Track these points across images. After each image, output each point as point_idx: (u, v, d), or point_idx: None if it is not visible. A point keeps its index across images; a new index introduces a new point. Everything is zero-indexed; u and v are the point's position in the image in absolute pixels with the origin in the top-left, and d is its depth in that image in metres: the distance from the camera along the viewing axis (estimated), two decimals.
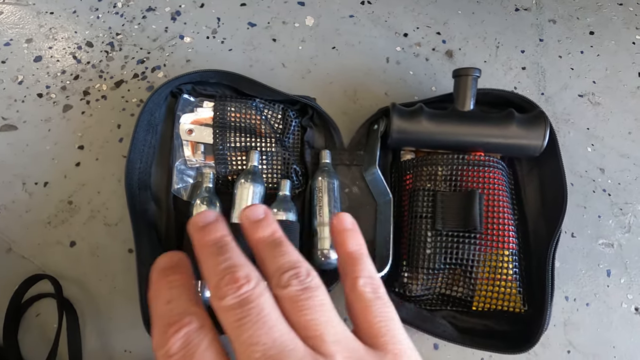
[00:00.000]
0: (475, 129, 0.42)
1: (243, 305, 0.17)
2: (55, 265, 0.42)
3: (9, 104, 0.48)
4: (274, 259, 0.20)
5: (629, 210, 0.48)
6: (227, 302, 0.17)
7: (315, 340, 0.17)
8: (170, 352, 0.17)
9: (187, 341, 0.17)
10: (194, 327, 0.17)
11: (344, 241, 0.22)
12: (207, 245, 0.20)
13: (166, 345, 0.17)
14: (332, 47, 0.54)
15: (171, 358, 0.17)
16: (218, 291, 0.17)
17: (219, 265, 0.18)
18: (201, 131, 0.43)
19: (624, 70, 0.56)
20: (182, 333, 0.17)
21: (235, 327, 0.17)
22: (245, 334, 0.16)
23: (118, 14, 0.54)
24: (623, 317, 0.44)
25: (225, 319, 0.17)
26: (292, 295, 0.18)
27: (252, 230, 0.21)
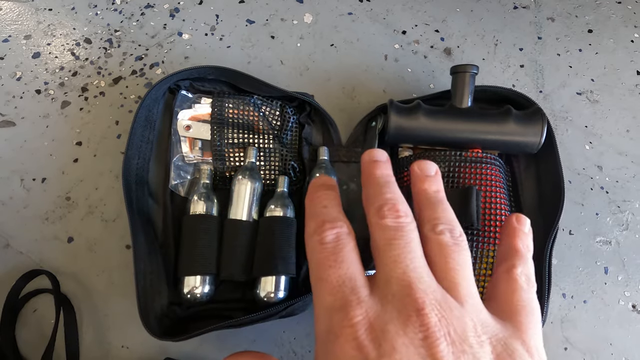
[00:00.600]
0: (473, 125, 0.42)
1: (398, 230, 0.20)
2: (52, 260, 0.42)
3: (7, 100, 0.48)
4: (436, 211, 0.22)
5: (626, 208, 0.48)
6: (386, 222, 0.20)
7: (450, 284, 0.19)
8: (324, 240, 0.20)
9: (339, 237, 0.20)
10: (345, 230, 0.21)
11: (514, 237, 0.25)
12: (377, 175, 0.23)
13: (323, 234, 0.20)
14: (330, 45, 0.54)
15: (324, 245, 0.20)
16: (380, 211, 0.21)
17: (385, 194, 0.22)
18: (199, 127, 0.43)
19: (623, 68, 0.56)
20: (335, 230, 0.21)
21: (386, 242, 0.20)
22: (394, 252, 0.19)
23: (116, 10, 0.54)
24: (620, 314, 0.44)
25: (379, 234, 0.20)
26: (443, 242, 0.21)
27: (421, 180, 0.24)
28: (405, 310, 0.17)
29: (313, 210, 0.23)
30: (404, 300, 0.18)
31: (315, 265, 0.20)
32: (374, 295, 0.19)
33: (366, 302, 0.18)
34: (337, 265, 0.19)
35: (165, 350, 0.40)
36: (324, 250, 0.20)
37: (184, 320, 0.38)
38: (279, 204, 0.41)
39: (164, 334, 0.35)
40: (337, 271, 0.19)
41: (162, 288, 0.38)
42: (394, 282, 0.19)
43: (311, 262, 0.21)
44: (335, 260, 0.19)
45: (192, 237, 0.39)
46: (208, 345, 0.41)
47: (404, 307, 0.18)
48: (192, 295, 0.37)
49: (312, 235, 0.21)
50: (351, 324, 0.17)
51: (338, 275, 0.19)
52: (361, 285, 0.19)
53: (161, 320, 0.37)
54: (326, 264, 0.19)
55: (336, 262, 0.19)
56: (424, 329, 0.17)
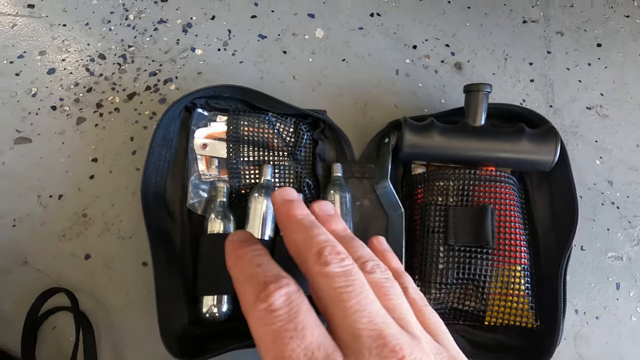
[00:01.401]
0: (487, 144, 0.43)
1: (347, 275, 0.18)
2: (70, 278, 0.43)
3: (23, 117, 0.49)
4: (354, 249, 0.21)
5: (637, 223, 0.49)
6: (333, 269, 0.18)
7: (402, 322, 0.18)
8: (273, 306, 0.17)
9: (290, 300, 0.17)
10: (293, 288, 0.18)
11: (388, 259, 0.25)
12: (299, 216, 0.21)
13: (268, 299, 0.17)
14: (341, 59, 0.55)
15: (275, 313, 0.17)
16: (320, 258, 0.18)
17: (319, 237, 0.19)
18: (215, 145, 0.44)
19: (632, 82, 0.56)
20: (283, 291, 0.17)
21: (340, 292, 0.17)
22: (352, 301, 0.17)
23: (130, 26, 0.54)
24: (633, 330, 0.44)
25: (328, 284, 0.18)
26: (377, 280, 0.19)
27: (327, 221, 0.23)
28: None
29: (244, 272, 0.19)
30: (382, 353, 0.16)
31: (270, 341, 0.16)
32: (348, 356, 0.16)
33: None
34: (299, 335, 0.16)
35: None
36: (276, 319, 0.16)
37: (203, 340, 0.39)
38: None
39: (184, 353, 0.36)
40: (302, 342, 0.16)
41: (182, 308, 0.39)
42: (364, 336, 0.17)
43: (262, 339, 0.17)
44: (295, 328, 0.16)
45: (210, 257, 0.39)
46: None
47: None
48: (211, 314, 0.38)
49: (255, 304, 0.17)
50: None
51: (304, 346, 0.16)
52: (332, 350, 0.16)
53: (181, 340, 0.37)
54: (285, 336, 0.16)
55: (297, 331, 0.16)
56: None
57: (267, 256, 0.20)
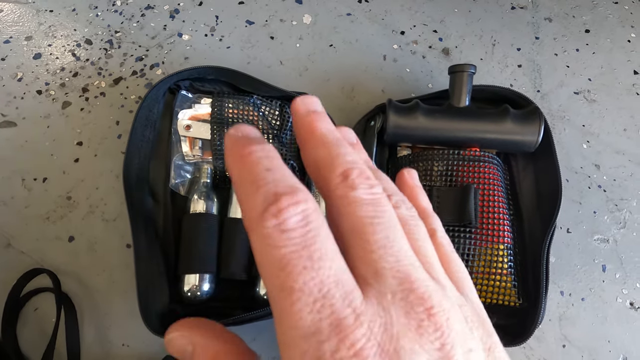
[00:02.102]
0: (471, 124, 0.43)
1: (376, 205, 0.15)
2: (53, 260, 0.43)
3: (8, 101, 0.49)
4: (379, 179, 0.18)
5: (624, 206, 0.49)
6: (360, 194, 0.15)
7: (427, 266, 0.16)
8: (285, 225, 0.13)
9: (307, 220, 0.13)
10: (311, 205, 0.14)
11: (417, 196, 0.21)
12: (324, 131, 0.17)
13: (279, 216, 0.13)
14: (329, 45, 0.55)
15: (287, 234, 0.13)
16: (347, 180, 0.15)
17: (346, 156, 0.16)
18: (199, 127, 0.44)
19: (619, 67, 0.56)
20: (300, 208, 0.13)
21: (366, 222, 0.15)
22: (379, 234, 0.14)
23: (117, 12, 0.54)
24: (618, 311, 0.44)
25: (353, 211, 0.15)
26: (402, 216, 0.16)
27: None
28: (414, 312, 0.14)
29: (250, 175, 0.15)
30: (409, 299, 0.14)
31: (277, 268, 0.13)
32: (369, 297, 0.14)
33: (365, 314, 0.13)
34: (314, 265, 0.13)
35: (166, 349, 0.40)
36: (288, 242, 0.13)
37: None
38: None
39: (165, 332, 0.36)
40: (317, 275, 0.13)
41: (163, 286, 0.39)
42: (389, 276, 0.14)
43: (266, 263, 0.13)
44: (310, 257, 0.13)
45: (192, 236, 0.39)
46: None
47: (411, 308, 0.14)
48: (193, 293, 0.38)
49: (262, 218, 0.13)
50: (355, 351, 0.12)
51: (320, 280, 0.13)
52: (352, 288, 0.13)
53: (162, 319, 0.37)
54: (296, 264, 0.13)
55: (312, 260, 0.13)
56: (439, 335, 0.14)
57: (279, 160, 0.15)
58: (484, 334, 0.15)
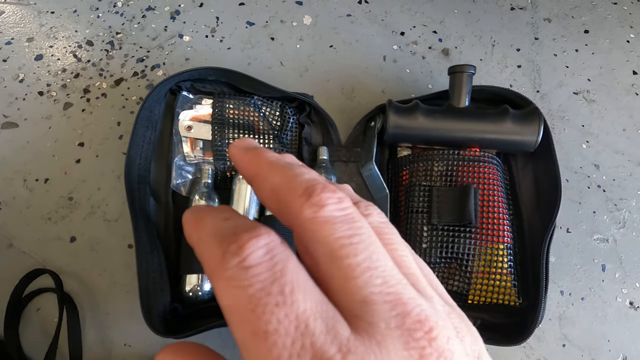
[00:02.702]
0: (470, 125, 0.43)
1: (350, 222, 0.13)
2: (55, 260, 0.43)
3: (10, 102, 0.49)
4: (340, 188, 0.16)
5: (623, 206, 0.49)
6: (330, 212, 0.13)
7: (412, 279, 0.14)
8: (249, 261, 0.12)
9: (272, 253, 0.12)
10: (275, 238, 0.13)
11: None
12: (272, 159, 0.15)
13: (241, 252, 0.12)
14: (329, 46, 0.55)
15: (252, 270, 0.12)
16: (311, 198, 0.13)
17: (304, 175, 0.14)
18: (200, 128, 0.44)
19: (619, 68, 0.56)
20: (262, 241, 0.12)
21: (343, 244, 0.13)
22: (360, 255, 0.13)
23: (118, 13, 0.54)
24: (618, 311, 0.44)
25: (326, 234, 0.13)
26: (376, 226, 0.15)
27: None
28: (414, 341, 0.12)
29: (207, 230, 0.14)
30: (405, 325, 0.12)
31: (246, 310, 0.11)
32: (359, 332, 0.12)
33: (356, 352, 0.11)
34: (287, 300, 0.11)
35: None
36: (254, 279, 0.12)
37: (186, 318, 0.39)
38: None
39: (167, 331, 0.36)
40: (291, 310, 0.11)
41: (164, 287, 0.39)
42: (379, 302, 0.12)
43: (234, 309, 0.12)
44: (281, 292, 0.12)
45: None
46: (210, 343, 0.41)
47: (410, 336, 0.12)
48: (194, 293, 0.38)
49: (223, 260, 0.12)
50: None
51: (295, 316, 0.11)
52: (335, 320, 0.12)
53: (164, 318, 0.37)
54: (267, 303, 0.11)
55: (283, 295, 0.11)
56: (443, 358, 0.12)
57: (236, 212, 0.15)
58: (472, 341, 0.14)
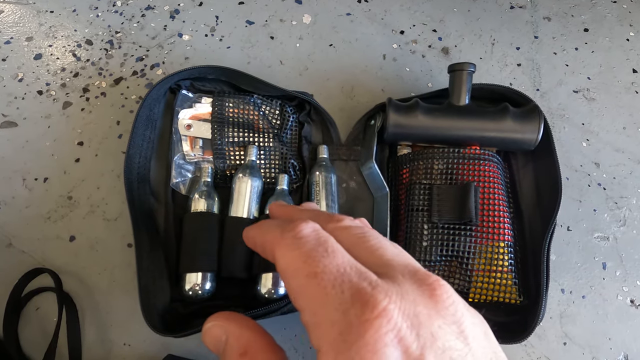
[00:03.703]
0: (471, 123, 0.43)
1: (361, 226, 0.19)
2: (54, 259, 0.43)
3: (9, 101, 0.49)
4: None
5: (624, 204, 0.49)
6: (347, 222, 0.19)
7: None
8: (301, 234, 0.17)
9: (317, 232, 0.17)
10: (319, 226, 0.18)
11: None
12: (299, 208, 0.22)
13: (296, 229, 0.17)
14: (329, 45, 0.55)
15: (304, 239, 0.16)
16: (333, 217, 0.19)
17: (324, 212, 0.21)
18: (200, 126, 0.44)
19: (618, 66, 0.56)
20: (310, 225, 0.17)
21: (360, 237, 0.18)
22: (372, 241, 0.18)
23: (117, 12, 0.54)
24: (618, 309, 0.44)
25: (347, 233, 0.18)
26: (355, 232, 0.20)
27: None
28: (425, 285, 0.15)
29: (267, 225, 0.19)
30: (417, 276, 0.16)
31: (300, 262, 0.16)
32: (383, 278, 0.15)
33: (382, 285, 0.15)
34: (330, 254, 0.16)
35: (167, 348, 0.40)
36: (306, 243, 0.16)
37: (186, 317, 0.39)
38: (279, 201, 0.41)
39: (166, 330, 0.36)
40: (334, 260, 0.16)
41: (164, 285, 0.39)
42: (395, 263, 0.16)
43: (291, 263, 0.16)
44: (325, 250, 0.16)
45: (193, 235, 0.39)
46: None
47: (422, 281, 0.15)
48: (194, 292, 0.38)
49: (282, 236, 0.17)
50: (379, 312, 0.14)
51: (336, 264, 0.15)
52: (365, 270, 0.16)
53: (163, 317, 0.37)
54: (315, 255, 0.16)
55: (327, 252, 0.16)
56: (451, 302, 0.15)
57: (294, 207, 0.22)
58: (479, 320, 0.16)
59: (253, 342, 0.18)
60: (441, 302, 0.15)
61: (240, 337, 0.18)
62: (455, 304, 0.15)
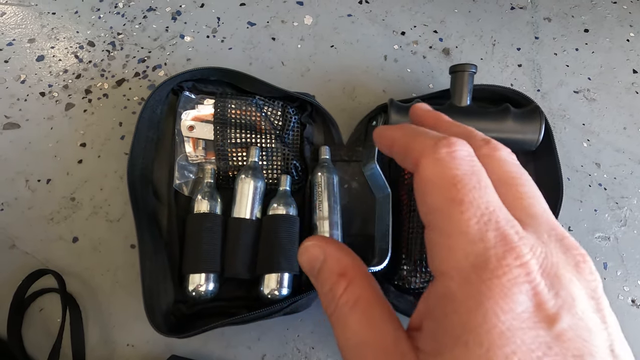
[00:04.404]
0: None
1: (517, 164, 0.18)
2: (58, 260, 0.43)
3: (12, 103, 0.49)
4: None
5: (624, 204, 0.49)
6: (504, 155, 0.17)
7: None
8: (457, 154, 0.15)
9: (472, 158, 0.16)
10: (473, 153, 0.16)
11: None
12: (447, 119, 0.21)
13: (452, 147, 0.16)
14: (330, 46, 0.55)
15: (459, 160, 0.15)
16: (489, 143, 0.18)
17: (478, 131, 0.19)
18: (202, 128, 0.44)
19: (619, 67, 0.56)
20: (466, 148, 0.16)
21: (514, 176, 0.17)
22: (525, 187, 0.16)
23: (119, 14, 0.54)
24: (620, 309, 0.44)
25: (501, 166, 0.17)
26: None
27: None
28: (571, 254, 0.15)
29: (416, 130, 0.18)
30: (563, 242, 0.15)
31: (448, 182, 0.15)
32: (528, 231, 0.15)
33: (528, 238, 0.14)
34: (482, 188, 0.15)
35: (171, 348, 0.41)
36: (460, 165, 0.15)
37: (190, 318, 0.39)
38: (282, 202, 0.41)
39: (170, 331, 0.36)
40: (484, 194, 0.14)
41: (167, 286, 0.39)
42: (542, 220, 0.15)
43: (437, 179, 0.15)
44: (478, 181, 0.15)
45: (196, 236, 0.39)
46: (213, 342, 0.41)
47: (567, 250, 0.15)
48: (197, 292, 0.38)
49: (435, 147, 0.16)
50: (521, 263, 0.13)
51: (486, 200, 0.14)
52: (512, 217, 0.15)
53: (167, 318, 0.37)
54: (468, 183, 0.15)
55: (480, 184, 0.15)
56: (593, 279, 0.14)
57: None
58: None
59: (352, 266, 0.17)
60: (585, 275, 0.14)
61: (340, 259, 0.18)
62: (597, 281, 0.15)
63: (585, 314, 0.13)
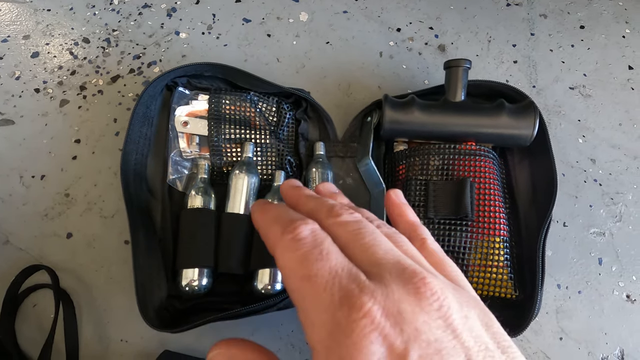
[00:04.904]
0: (466, 119, 0.43)
1: (359, 222, 0.19)
2: (51, 256, 0.43)
3: (6, 99, 0.49)
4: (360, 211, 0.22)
5: (619, 200, 0.49)
6: (345, 218, 0.19)
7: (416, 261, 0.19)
8: (300, 235, 0.18)
9: (315, 232, 0.18)
10: (318, 227, 0.19)
11: (405, 213, 0.25)
12: (309, 193, 0.23)
13: (295, 231, 0.18)
14: (326, 42, 0.55)
15: (301, 241, 0.17)
16: (332, 211, 0.20)
17: (329, 202, 0.21)
18: (196, 123, 0.44)
19: (614, 63, 0.56)
20: (309, 226, 0.18)
21: (355, 233, 0.18)
22: (366, 238, 0.18)
23: (114, 10, 0.54)
24: (614, 304, 0.44)
25: (344, 229, 0.19)
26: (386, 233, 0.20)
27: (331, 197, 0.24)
28: (411, 283, 0.16)
29: (271, 216, 0.20)
30: (404, 275, 0.16)
31: (296, 264, 0.17)
32: (371, 279, 0.16)
33: (369, 287, 0.16)
34: (324, 258, 0.17)
35: (164, 344, 0.40)
36: (303, 246, 0.17)
37: (183, 313, 0.39)
38: (276, 198, 0.41)
39: (163, 326, 0.36)
40: (327, 263, 0.17)
41: (161, 282, 0.39)
42: (383, 262, 0.17)
43: (288, 264, 0.17)
44: (320, 252, 0.17)
45: (190, 231, 0.39)
46: (206, 338, 0.41)
47: (408, 280, 0.16)
48: (190, 287, 0.38)
49: (282, 236, 0.18)
50: (364, 313, 0.15)
51: (329, 267, 0.16)
52: (356, 271, 0.16)
53: (160, 313, 0.37)
54: (310, 258, 0.17)
55: (322, 255, 0.17)
56: (435, 299, 0.16)
57: (290, 209, 0.21)
58: (480, 312, 0.17)
59: None
60: (425, 299, 0.15)
61: (243, 357, 0.19)
62: (440, 300, 0.16)
63: (432, 338, 0.14)
